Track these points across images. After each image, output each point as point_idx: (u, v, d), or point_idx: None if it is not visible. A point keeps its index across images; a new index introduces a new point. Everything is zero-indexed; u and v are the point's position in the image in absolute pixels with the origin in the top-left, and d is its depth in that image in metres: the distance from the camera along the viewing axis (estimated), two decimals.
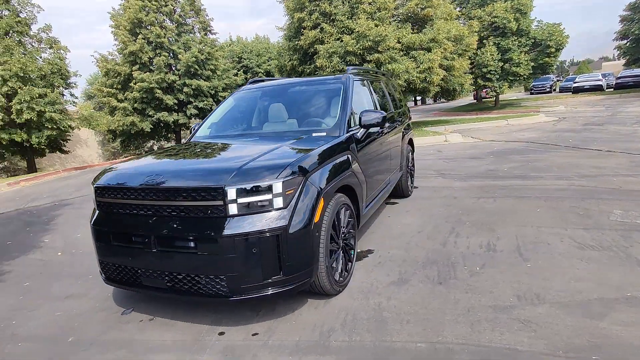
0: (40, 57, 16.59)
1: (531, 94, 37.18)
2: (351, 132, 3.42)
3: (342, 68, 11.81)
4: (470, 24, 16.19)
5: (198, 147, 3.46)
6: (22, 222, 6.66)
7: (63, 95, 17.64)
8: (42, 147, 16.10)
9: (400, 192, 5.45)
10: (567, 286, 2.77)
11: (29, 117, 14.60)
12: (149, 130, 20.55)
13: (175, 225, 2.41)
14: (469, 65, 16.00)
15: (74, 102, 18.72)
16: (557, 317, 2.41)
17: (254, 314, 2.79)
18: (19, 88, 14.43)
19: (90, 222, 2.82)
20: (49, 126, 15.46)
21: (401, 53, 12.21)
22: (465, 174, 6.90)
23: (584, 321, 2.35)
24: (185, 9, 22.97)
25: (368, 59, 11.62)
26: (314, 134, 3.32)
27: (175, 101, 21.27)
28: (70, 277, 3.82)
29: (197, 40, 22.76)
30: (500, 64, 20.29)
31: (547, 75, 32.09)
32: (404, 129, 5.31)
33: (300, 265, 2.45)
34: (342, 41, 11.69)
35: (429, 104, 52.50)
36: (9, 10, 15.95)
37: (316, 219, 2.51)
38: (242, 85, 5.33)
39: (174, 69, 22.30)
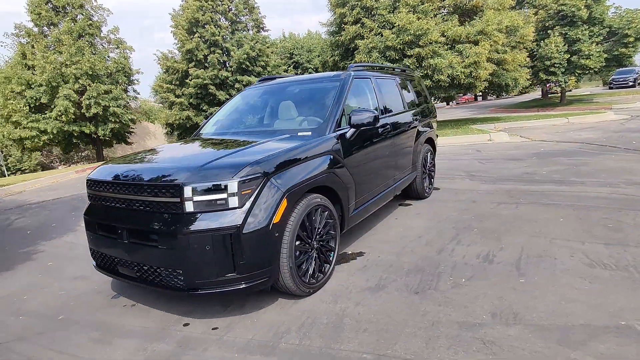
0: (108, 57, 18.21)
1: (610, 88, 33.27)
2: (339, 132, 3.34)
3: (382, 63, 11.53)
4: (529, 13, 14.93)
5: (187, 143, 3.61)
6: (71, 206, 7.41)
7: (126, 91, 19.20)
8: (107, 138, 17.73)
9: (414, 193, 5.24)
10: (554, 307, 2.50)
11: (95, 112, 16.15)
12: None
13: (141, 219, 2.54)
14: (527, 58, 14.77)
15: (135, 97, 20.29)
16: (526, 340, 2.19)
17: (223, 308, 2.86)
18: (88, 85, 15.98)
19: (84, 212, 3.08)
20: (113, 120, 16.97)
21: (445, 47, 11.62)
22: (497, 176, 6.44)
23: (555, 348, 2.10)
24: (239, 8, 23.78)
25: (408, 53, 11.23)
26: (299, 133, 3.30)
27: (227, 97, 22.17)
28: (86, 260, 4.19)
29: (249, 37, 23.48)
30: (567, 56, 18.50)
31: (630, 67, 28.53)
32: (420, 129, 5.07)
33: (257, 265, 2.47)
34: (382, 36, 11.39)
35: (491, 100, 49.55)
36: (82, 14, 17.67)
37: (276, 219, 2.50)
38: None
39: (227, 65, 23.28)
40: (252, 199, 2.43)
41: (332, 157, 3.15)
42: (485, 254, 3.41)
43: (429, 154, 5.44)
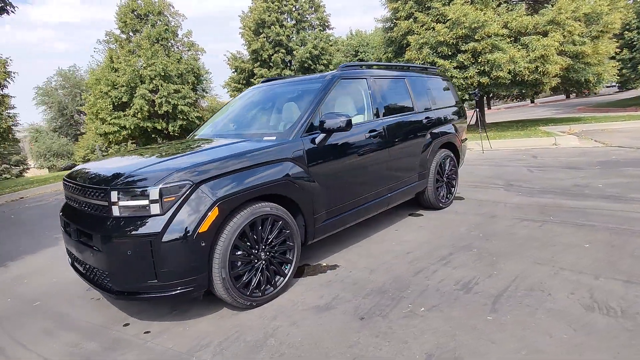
0: (180, 59, 19.75)
1: None
2: (306, 137, 3.14)
3: (433, 60, 10.81)
4: None
5: (155, 147, 3.69)
6: None
7: (195, 90, 20.66)
8: (177, 134, 19.29)
9: (426, 203, 4.79)
10: (508, 356, 2.05)
11: (166, 110, 17.66)
12: None
13: (84, 220, 2.64)
14: (616, 49, 12.73)
15: (203, 96, 21.75)
16: None
17: (169, 311, 2.87)
18: (160, 85, 17.52)
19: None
20: (181, 117, 18.40)
21: (508, 40, 10.48)
22: (540, 187, 5.61)
23: None
24: (304, 7, 24.12)
25: (462, 48, 10.34)
26: (265, 137, 3.17)
27: None
28: None
29: (312, 36, 23.72)
30: None
31: None
32: (434, 132, 4.60)
33: (180, 274, 2.41)
34: (434, 30, 10.65)
35: (591, 96, 43.81)
36: (160, 20, 19.39)
37: (202, 228, 2.41)
38: None
39: (290, 65, 23.82)
40: (175, 206, 2.38)
41: (291, 164, 2.97)
42: (467, 281, 2.96)
43: (447, 160, 4.92)
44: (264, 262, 2.81)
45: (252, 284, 2.74)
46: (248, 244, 2.69)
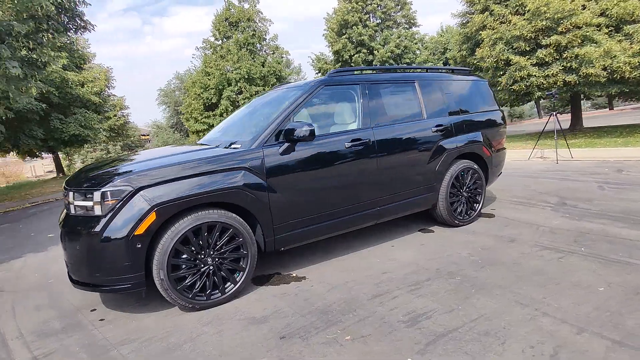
0: (265, 62, 21.00)
1: None
2: (268, 146, 3.13)
3: (507, 57, 9.68)
4: None
5: (137, 153, 4.00)
6: None
7: None
8: None
9: (440, 218, 4.37)
10: None
11: None
12: None
13: (66, 214, 3.01)
14: None
15: None
16: None
17: (134, 302, 3.15)
18: (244, 87, 18.89)
19: None
20: None
21: (606, 30, 8.85)
22: (598, 210, 4.68)
23: None
24: (389, 5, 23.61)
25: (543, 43, 9.04)
26: (232, 145, 3.24)
27: None
28: None
29: (396, 34, 23.10)
30: None
31: None
32: (447, 142, 4.16)
33: (117, 271, 2.62)
34: (510, 24, 9.51)
35: None
36: (249, 27, 20.86)
37: (138, 231, 2.59)
38: None
39: (372, 64, 23.56)
40: (115, 209, 2.59)
41: (247, 173, 2.99)
42: (420, 313, 2.64)
43: (468, 172, 4.40)
44: (210, 267, 2.89)
45: (196, 287, 2.84)
46: (192, 248, 2.80)
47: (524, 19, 9.17)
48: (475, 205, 4.55)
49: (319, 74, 25.16)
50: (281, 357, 2.27)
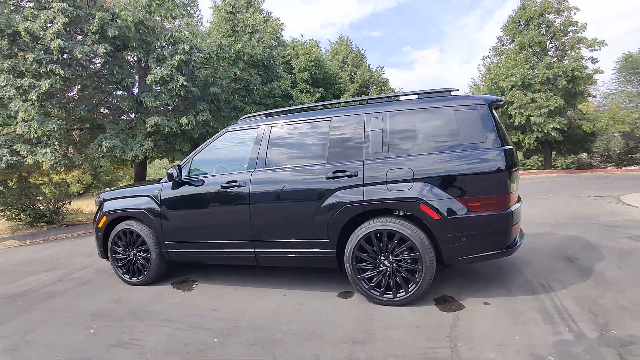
0: (558, 61, 17.10)
1: None
2: (167, 183, 4.13)
3: None
4: None
5: None
6: None
7: (575, 95, 17.13)
8: (532, 147, 17.28)
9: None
10: None
11: (519, 121, 16.42)
12: None
13: None
14: None
15: (582, 102, 17.44)
16: None
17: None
18: (516, 97, 16.42)
19: None
20: (536, 129, 16.31)
21: None
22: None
23: None
24: None
25: None
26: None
27: None
28: None
29: None
30: None
31: None
32: (338, 194, 3.33)
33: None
34: None
35: None
36: (541, 23, 17.64)
37: (99, 225, 4.49)
38: None
39: None
40: (98, 212, 4.63)
41: (150, 200, 4.22)
42: None
43: (393, 239, 3.20)
44: (133, 258, 4.39)
45: (130, 270, 4.43)
46: (123, 244, 4.42)
47: None
48: (410, 283, 3.22)
49: None
50: None
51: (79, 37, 7.32)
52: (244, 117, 4.17)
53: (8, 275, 5.32)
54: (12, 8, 7.21)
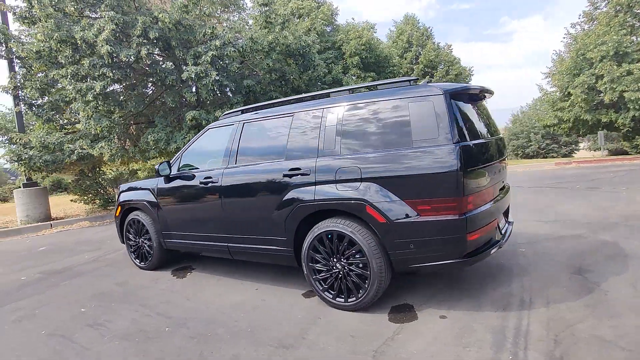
0: None
1: None
2: (161, 178, 4.45)
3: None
4: None
5: None
6: None
7: None
8: (629, 128, 14.56)
9: None
10: None
11: (611, 98, 13.96)
12: None
13: None
14: None
15: None
16: None
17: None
18: (607, 69, 13.93)
19: None
20: (632, 106, 13.70)
21: None
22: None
23: None
24: None
25: None
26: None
27: None
28: None
29: None
30: None
31: None
32: (294, 191, 3.24)
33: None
34: None
35: None
36: None
37: (116, 214, 5.05)
38: None
39: None
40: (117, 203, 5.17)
41: (149, 192, 4.58)
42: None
43: (343, 239, 3.07)
44: (141, 245, 4.85)
45: (139, 256, 4.92)
46: (133, 230, 4.90)
47: None
48: (362, 288, 3.06)
49: None
50: None
51: (125, 42, 8.05)
52: (225, 113, 4.27)
53: (63, 253, 6.27)
54: (75, 19, 8.19)
